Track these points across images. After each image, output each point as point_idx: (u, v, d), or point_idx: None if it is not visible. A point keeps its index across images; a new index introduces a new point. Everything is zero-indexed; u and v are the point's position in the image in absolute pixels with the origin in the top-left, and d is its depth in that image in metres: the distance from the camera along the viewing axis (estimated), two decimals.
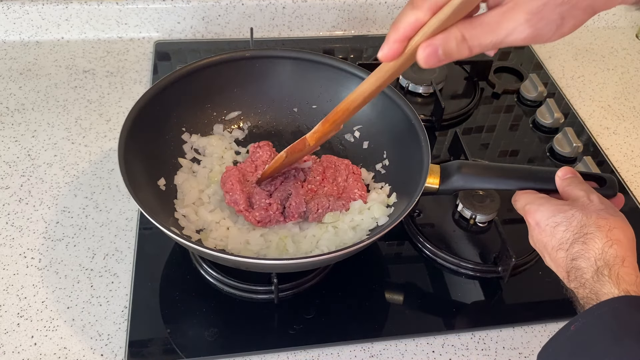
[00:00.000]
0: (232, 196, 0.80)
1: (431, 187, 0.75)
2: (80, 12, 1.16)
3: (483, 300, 0.81)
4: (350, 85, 0.89)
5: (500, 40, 0.50)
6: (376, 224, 0.81)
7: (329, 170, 0.87)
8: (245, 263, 0.67)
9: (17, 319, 0.74)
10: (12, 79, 1.08)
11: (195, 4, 1.18)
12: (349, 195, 0.84)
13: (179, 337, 0.73)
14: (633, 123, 1.13)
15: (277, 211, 0.80)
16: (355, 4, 1.24)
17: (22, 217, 0.86)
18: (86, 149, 0.96)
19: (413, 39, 0.53)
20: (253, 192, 0.82)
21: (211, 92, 0.90)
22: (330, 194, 0.84)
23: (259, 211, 0.80)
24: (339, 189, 0.86)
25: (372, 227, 0.80)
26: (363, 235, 0.79)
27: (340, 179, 0.86)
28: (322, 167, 0.87)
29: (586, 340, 0.54)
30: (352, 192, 0.84)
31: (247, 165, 0.86)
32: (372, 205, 0.82)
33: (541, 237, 0.64)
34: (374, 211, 0.81)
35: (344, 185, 0.86)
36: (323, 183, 0.86)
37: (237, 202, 0.80)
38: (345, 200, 0.83)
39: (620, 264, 0.57)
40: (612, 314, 0.54)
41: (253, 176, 0.85)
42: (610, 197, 0.69)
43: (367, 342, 0.75)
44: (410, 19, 0.51)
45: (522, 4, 0.48)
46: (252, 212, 0.80)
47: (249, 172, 0.86)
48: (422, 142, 0.78)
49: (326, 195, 0.84)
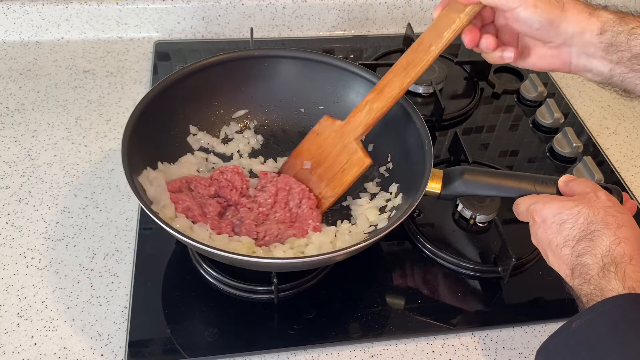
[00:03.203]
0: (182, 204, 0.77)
1: (433, 192, 0.76)
2: (80, 12, 1.16)
3: (483, 300, 0.81)
4: (358, 87, 0.89)
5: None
6: (373, 227, 0.81)
7: (281, 192, 0.83)
8: (242, 261, 0.67)
9: (17, 319, 0.74)
10: (12, 79, 1.08)
11: (195, 4, 1.18)
12: (302, 226, 0.80)
13: (179, 337, 0.73)
14: (633, 123, 1.13)
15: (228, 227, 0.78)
16: (355, 4, 1.24)
17: (22, 217, 0.86)
18: (86, 149, 0.96)
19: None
20: (205, 202, 0.80)
21: (218, 90, 0.91)
22: (282, 221, 0.81)
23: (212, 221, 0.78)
24: (292, 216, 0.82)
25: (370, 230, 0.81)
26: (360, 238, 0.79)
27: (293, 204, 0.83)
28: (275, 188, 0.83)
29: (588, 337, 0.53)
30: (306, 222, 0.80)
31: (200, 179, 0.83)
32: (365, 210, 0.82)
33: (546, 234, 0.64)
34: (367, 215, 0.82)
35: (296, 212, 0.82)
36: (274, 207, 0.83)
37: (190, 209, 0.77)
38: (297, 230, 0.80)
39: (627, 262, 0.56)
40: (615, 311, 0.53)
41: (205, 190, 0.82)
42: None
43: (367, 342, 0.75)
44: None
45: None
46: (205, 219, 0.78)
47: (202, 184, 0.83)
48: (426, 146, 0.78)
49: (277, 221, 0.81)
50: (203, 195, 0.82)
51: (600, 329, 0.53)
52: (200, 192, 0.82)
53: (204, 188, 0.83)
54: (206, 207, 0.80)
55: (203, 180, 0.84)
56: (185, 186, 0.82)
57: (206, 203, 0.81)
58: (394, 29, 1.29)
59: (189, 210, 0.77)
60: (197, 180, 0.83)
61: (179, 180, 0.82)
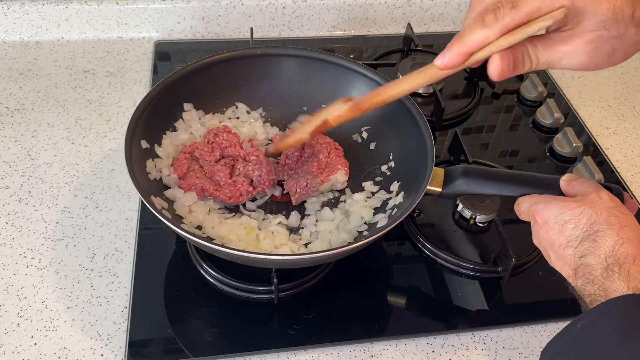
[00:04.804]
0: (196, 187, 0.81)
1: (434, 190, 0.76)
2: (80, 12, 1.16)
3: (483, 300, 0.81)
4: (360, 86, 0.89)
5: (555, 61, 0.55)
6: (367, 225, 0.81)
7: (308, 147, 0.88)
8: (243, 257, 0.67)
9: (17, 319, 0.74)
10: (12, 79, 1.08)
11: (195, 4, 1.18)
12: (331, 171, 0.85)
13: (179, 337, 0.73)
14: (633, 123, 1.13)
15: (245, 183, 0.82)
16: (355, 4, 1.24)
17: (22, 217, 0.86)
18: (86, 149, 0.96)
19: (477, 54, 0.55)
20: (213, 170, 0.83)
21: (221, 88, 0.91)
22: (310, 172, 0.85)
23: (228, 188, 0.81)
24: (320, 165, 0.86)
25: (364, 228, 0.81)
26: (353, 235, 0.80)
27: (322, 155, 0.87)
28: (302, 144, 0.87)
29: (593, 338, 0.53)
30: (335, 167, 0.86)
31: (203, 146, 0.86)
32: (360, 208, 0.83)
33: (548, 235, 0.63)
34: (361, 212, 0.82)
35: (325, 161, 0.87)
36: (300, 161, 0.87)
37: (204, 188, 0.81)
38: (324, 176, 0.84)
39: (631, 262, 0.56)
40: (620, 311, 0.53)
41: (210, 156, 0.85)
42: None
43: (367, 342, 0.75)
44: (479, 37, 0.54)
45: (580, 33, 0.53)
46: (222, 190, 0.81)
47: (205, 151, 0.85)
48: (428, 145, 0.78)
49: (305, 173, 0.85)
50: (210, 162, 0.84)
51: (604, 330, 0.53)
52: (207, 159, 0.85)
53: (209, 154, 0.85)
54: (216, 174, 0.82)
55: (205, 146, 0.86)
56: (190, 158, 0.84)
57: (214, 170, 0.83)
58: (394, 29, 1.29)
59: (204, 191, 0.81)
60: (200, 148, 0.85)
61: (182, 155, 0.84)
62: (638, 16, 0.52)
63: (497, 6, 0.53)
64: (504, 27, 0.52)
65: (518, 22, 0.52)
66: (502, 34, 0.53)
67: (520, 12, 0.52)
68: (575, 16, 0.52)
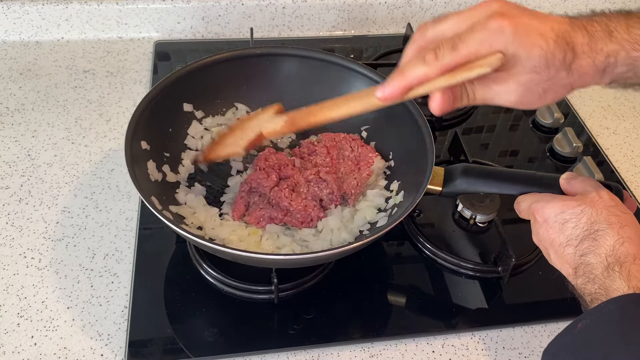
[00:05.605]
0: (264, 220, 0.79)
1: (434, 189, 0.76)
2: (80, 12, 1.16)
3: (483, 300, 0.81)
4: (360, 86, 0.89)
5: (490, 99, 0.58)
6: (369, 224, 0.81)
7: (333, 150, 0.88)
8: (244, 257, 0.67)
9: (17, 319, 0.74)
10: (12, 79, 1.08)
11: (195, 4, 1.18)
12: (367, 163, 0.86)
13: (179, 337, 0.73)
14: (633, 123, 1.13)
15: (316, 208, 0.81)
16: (355, 4, 1.24)
17: (22, 217, 0.86)
18: (86, 149, 0.96)
19: (416, 90, 0.56)
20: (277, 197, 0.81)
21: (220, 88, 0.91)
22: (350, 171, 0.85)
23: (299, 213, 0.80)
24: (354, 161, 0.87)
25: (365, 228, 0.81)
26: (355, 234, 0.80)
27: (348, 152, 0.88)
28: (325, 148, 0.88)
29: (594, 338, 0.53)
30: (369, 157, 0.86)
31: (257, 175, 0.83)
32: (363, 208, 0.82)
33: (548, 233, 0.63)
34: (365, 212, 0.82)
35: (355, 155, 0.87)
36: (334, 163, 0.87)
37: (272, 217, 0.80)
38: (364, 168, 0.86)
39: (631, 261, 0.56)
40: (621, 311, 0.53)
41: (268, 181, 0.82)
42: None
43: (367, 342, 0.75)
44: (419, 73, 0.55)
45: (514, 75, 0.55)
46: (292, 215, 0.80)
47: (262, 179, 0.82)
48: (428, 144, 0.78)
49: (345, 173, 0.85)
50: (269, 188, 0.82)
51: (605, 329, 0.53)
52: (265, 185, 0.82)
53: (266, 180, 0.82)
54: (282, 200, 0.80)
55: (259, 175, 0.83)
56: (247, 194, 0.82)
57: (278, 197, 0.81)
58: (394, 29, 1.29)
59: (273, 219, 0.80)
60: (255, 180, 0.83)
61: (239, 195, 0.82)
62: (569, 61, 0.54)
63: (437, 46, 0.54)
64: (444, 66, 0.54)
65: (457, 62, 0.54)
66: (441, 73, 0.54)
67: (460, 54, 0.53)
68: (510, 59, 0.54)
